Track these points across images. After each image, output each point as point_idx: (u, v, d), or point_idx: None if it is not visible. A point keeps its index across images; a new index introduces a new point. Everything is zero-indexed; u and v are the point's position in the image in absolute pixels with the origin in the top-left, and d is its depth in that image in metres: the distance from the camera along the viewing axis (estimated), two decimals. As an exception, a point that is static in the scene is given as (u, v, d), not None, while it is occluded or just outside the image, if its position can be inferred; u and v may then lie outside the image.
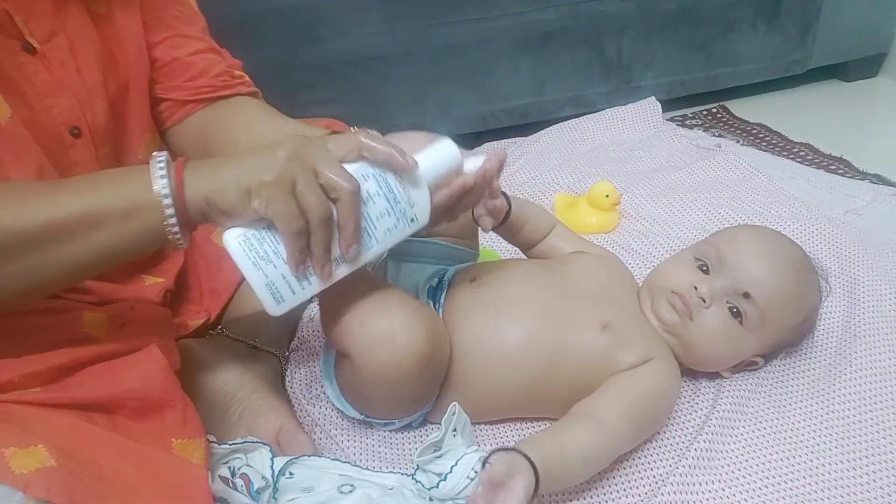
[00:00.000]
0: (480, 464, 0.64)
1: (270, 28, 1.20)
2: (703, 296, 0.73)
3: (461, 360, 0.73)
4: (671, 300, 0.74)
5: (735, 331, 0.73)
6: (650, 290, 0.77)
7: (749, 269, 0.73)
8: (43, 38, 0.64)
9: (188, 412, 0.63)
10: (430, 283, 0.79)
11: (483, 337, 0.73)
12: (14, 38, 0.62)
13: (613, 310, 0.74)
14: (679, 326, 0.74)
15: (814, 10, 1.52)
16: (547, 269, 0.81)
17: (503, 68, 1.37)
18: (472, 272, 0.80)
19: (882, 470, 0.69)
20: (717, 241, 0.77)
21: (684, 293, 0.74)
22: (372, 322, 0.65)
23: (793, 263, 0.77)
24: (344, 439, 0.75)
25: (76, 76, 0.67)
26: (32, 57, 0.64)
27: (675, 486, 0.67)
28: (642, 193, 1.17)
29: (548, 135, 1.39)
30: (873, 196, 1.14)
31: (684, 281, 0.75)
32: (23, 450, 0.49)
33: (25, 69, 0.63)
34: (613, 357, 0.71)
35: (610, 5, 1.38)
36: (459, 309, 0.75)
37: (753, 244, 0.77)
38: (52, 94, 0.65)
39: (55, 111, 0.65)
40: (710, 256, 0.76)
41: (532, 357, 0.71)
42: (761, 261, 0.74)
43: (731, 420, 0.74)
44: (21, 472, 0.47)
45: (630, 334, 0.73)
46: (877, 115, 1.56)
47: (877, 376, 0.78)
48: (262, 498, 0.64)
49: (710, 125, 1.51)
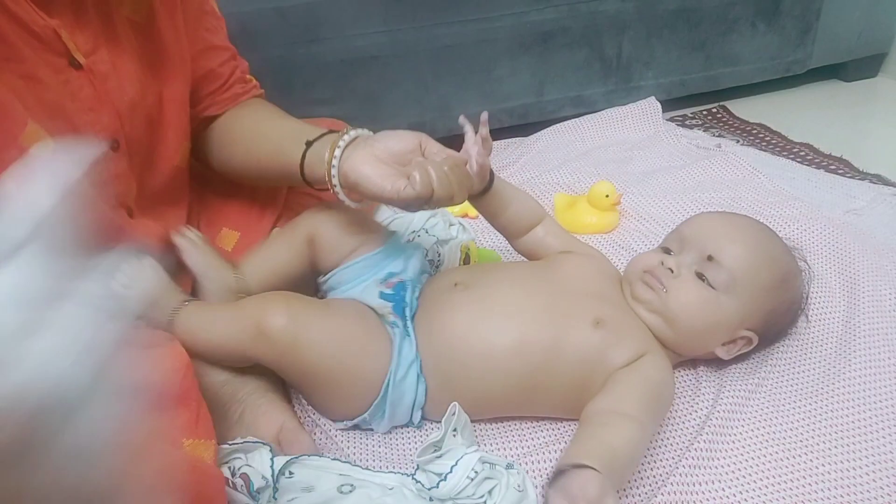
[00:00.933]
0: (481, 464, 0.64)
1: (270, 28, 1.20)
2: (670, 266, 0.77)
3: (450, 362, 0.73)
4: (644, 279, 0.77)
5: (709, 295, 0.75)
6: (627, 279, 0.80)
7: (707, 236, 0.78)
8: (87, 52, 0.64)
9: (201, 413, 0.62)
10: (380, 288, 0.79)
11: (471, 339, 0.73)
12: (60, 54, 0.62)
13: (604, 307, 0.75)
14: (657, 302, 0.75)
15: (814, 10, 1.52)
16: (534, 270, 0.81)
17: (503, 68, 1.37)
18: (453, 276, 0.80)
19: (882, 470, 0.69)
20: (679, 227, 0.82)
21: (653, 269, 0.77)
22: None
23: (751, 226, 0.81)
24: (344, 439, 0.75)
25: (118, 90, 0.67)
26: (78, 73, 0.63)
27: (675, 486, 0.67)
28: (642, 193, 1.17)
29: (548, 135, 1.39)
30: (873, 196, 1.14)
31: (652, 260, 0.79)
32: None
33: (71, 86, 0.63)
34: (608, 353, 0.71)
35: (610, 5, 1.38)
36: (443, 312, 0.75)
37: (709, 218, 0.82)
38: (94, 109, 0.65)
39: (97, 127, 0.65)
40: (672, 240, 0.81)
41: (524, 358, 0.71)
42: (718, 227, 0.79)
43: (731, 420, 0.74)
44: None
45: (622, 330, 0.74)
46: (877, 115, 1.56)
47: (877, 376, 0.78)
48: (262, 498, 0.64)
49: (710, 125, 1.51)
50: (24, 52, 0.59)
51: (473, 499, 0.63)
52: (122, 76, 0.67)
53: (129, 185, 0.71)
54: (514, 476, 0.65)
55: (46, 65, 0.61)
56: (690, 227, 0.81)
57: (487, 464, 0.65)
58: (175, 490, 0.54)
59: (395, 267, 0.81)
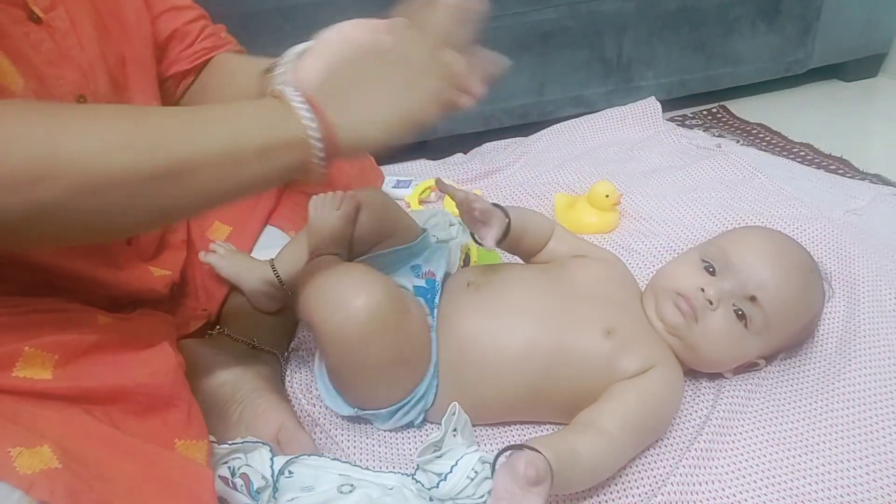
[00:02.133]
0: (481, 464, 0.64)
1: (270, 28, 1.20)
2: (710, 298, 0.72)
3: (459, 363, 0.73)
4: (676, 302, 0.73)
5: (739, 334, 0.73)
6: (655, 292, 0.77)
7: (756, 272, 0.73)
8: (44, 8, 0.65)
9: (193, 413, 0.62)
10: (413, 281, 0.79)
11: (481, 340, 0.72)
12: (19, 6, 0.62)
13: (617, 315, 0.74)
14: (683, 329, 0.73)
15: (814, 10, 1.52)
16: (547, 274, 0.80)
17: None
18: (468, 275, 0.80)
19: (882, 470, 0.69)
20: (723, 243, 0.76)
21: (690, 295, 0.73)
22: (329, 288, 0.66)
23: (800, 267, 0.76)
24: (344, 439, 0.75)
25: (78, 47, 0.67)
26: (38, 26, 0.64)
27: (675, 486, 0.67)
28: (642, 193, 1.17)
29: (548, 135, 1.39)
30: (873, 196, 1.14)
31: (690, 283, 0.74)
32: (29, 449, 0.48)
33: (32, 38, 0.63)
34: (616, 363, 0.71)
35: (610, 5, 1.38)
36: (456, 312, 0.75)
37: (761, 246, 0.76)
38: (57, 63, 0.65)
39: (61, 81, 0.65)
40: (717, 258, 0.75)
41: (532, 362, 0.71)
42: (768, 264, 0.74)
43: (731, 420, 0.74)
44: (26, 473, 0.47)
45: (633, 340, 0.72)
46: (877, 115, 1.56)
47: (877, 376, 0.78)
48: (261, 498, 0.64)
49: (710, 125, 1.51)
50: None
51: (473, 499, 0.63)
52: (80, 34, 0.68)
53: None
54: (514, 476, 0.65)
55: (5, 15, 0.61)
56: (739, 249, 0.75)
57: (487, 464, 0.64)
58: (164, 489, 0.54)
59: (427, 262, 0.82)
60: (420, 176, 1.28)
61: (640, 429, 0.68)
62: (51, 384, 0.55)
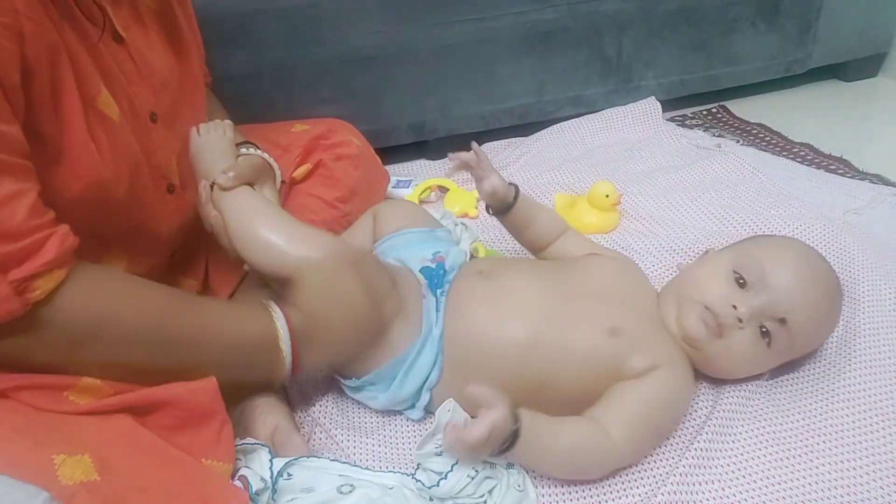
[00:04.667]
0: (481, 463, 0.64)
1: (270, 28, 1.20)
2: (741, 316, 0.70)
3: (464, 349, 0.73)
4: (703, 316, 0.71)
5: (762, 353, 0.72)
6: (679, 300, 0.74)
7: (791, 294, 0.70)
8: (124, 27, 0.67)
9: (224, 434, 0.63)
10: (424, 262, 0.81)
11: (486, 329, 0.73)
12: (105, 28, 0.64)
13: (624, 314, 0.73)
14: (705, 342, 0.71)
15: (814, 10, 1.52)
16: (557, 268, 0.81)
17: (503, 68, 1.37)
18: (481, 264, 0.81)
19: (882, 470, 0.69)
20: (759, 255, 0.73)
21: (720, 312, 0.70)
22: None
23: (830, 293, 0.75)
24: (344, 439, 0.75)
25: (152, 66, 0.70)
26: (120, 46, 0.66)
27: (675, 486, 0.67)
28: (642, 193, 1.17)
29: (548, 135, 1.39)
30: (873, 196, 1.14)
31: (721, 297, 0.71)
32: (71, 457, 0.49)
33: (117, 58, 0.66)
34: (621, 363, 0.70)
35: (610, 5, 1.38)
36: (465, 299, 0.76)
37: (799, 266, 0.73)
38: (135, 82, 0.68)
39: (139, 99, 0.68)
40: (751, 272, 0.72)
41: (534, 355, 0.71)
42: (804, 286, 0.71)
43: (731, 420, 0.74)
44: (67, 484, 0.48)
45: (641, 340, 0.71)
46: (877, 115, 1.56)
47: (877, 376, 0.78)
48: (261, 500, 0.64)
49: (710, 125, 1.51)
50: (85, 24, 0.62)
51: (473, 498, 0.63)
52: (152, 55, 0.71)
53: (170, 158, 0.74)
54: (514, 475, 0.65)
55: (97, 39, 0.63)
56: (778, 269, 0.71)
57: (488, 463, 0.64)
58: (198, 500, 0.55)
59: (442, 248, 0.83)
60: (420, 176, 1.28)
61: (641, 434, 0.68)
62: (91, 404, 0.56)
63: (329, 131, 1.00)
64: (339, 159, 0.99)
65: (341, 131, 1.01)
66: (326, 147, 0.99)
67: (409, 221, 0.88)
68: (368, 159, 1.05)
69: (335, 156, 0.99)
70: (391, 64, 1.29)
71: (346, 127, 1.04)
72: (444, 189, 1.24)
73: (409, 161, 1.35)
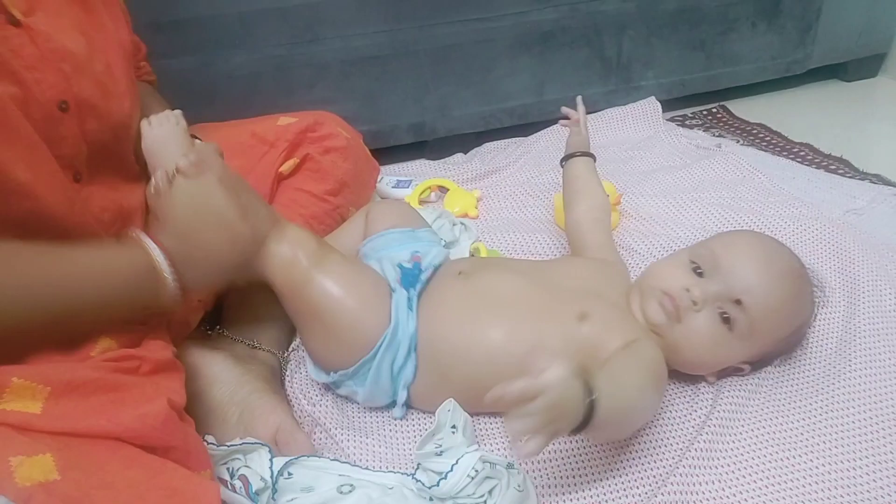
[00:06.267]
0: (481, 463, 0.64)
1: (270, 28, 1.20)
2: (695, 299, 0.73)
3: (439, 345, 0.74)
4: (661, 300, 0.74)
5: (723, 337, 0.73)
6: (641, 289, 0.77)
7: (744, 276, 0.73)
8: (24, 11, 0.64)
9: (191, 448, 0.60)
10: (401, 262, 0.81)
11: (465, 329, 0.74)
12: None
13: (592, 302, 0.74)
14: (665, 327, 0.73)
15: (814, 10, 1.52)
16: (533, 267, 0.83)
17: (503, 68, 1.37)
18: (461, 265, 0.82)
19: (882, 470, 0.69)
20: (713, 246, 0.77)
21: (675, 295, 0.73)
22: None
23: (789, 274, 0.76)
24: (344, 439, 0.75)
25: (61, 50, 0.66)
26: (17, 30, 0.63)
27: (675, 486, 0.67)
28: (642, 193, 1.17)
29: (548, 135, 1.39)
30: (873, 196, 1.14)
31: (677, 282, 0.74)
32: (29, 458, 0.48)
33: (11, 42, 0.62)
34: (596, 347, 0.70)
35: (610, 5, 1.38)
36: (443, 300, 0.77)
37: (750, 251, 0.76)
38: (37, 67, 0.64)
39: (43, 85, 0.64)
40: (706, 260, 0.75)
41: (513, 351, 0.71)
42: (757, 268, 0.74)
43: (731, 420, 0.74)
44: (24, 485, 0.46)
45: (612, 323, 0.72)
46: (877, 115, 1.56)
47: (876, 376, 0.78)
48: (261, 499, 0.64)
49: (710, 125, 1.51)
50: None
51: (473, 498, 0.63)
52: (64, 38, 0.67)
53: (79, 149, 0.70)
54: (514, 476, 0.65)
55: None
56: (728, 252, 0.75)
57: (488, 463, 0.64)
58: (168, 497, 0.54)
59: (422, 248, 0.84)
60: (420, 176, 1.28)
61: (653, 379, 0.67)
62: (41, 420, 0.53)
63: (316, 124, 0.98)
64: (327, 152, 0.98)
65: (329, 123, 1.00)
66: (314, 140, 0.98)
67: (397, 221, 0.89)
68: (357, 150, 1.04)
69: (323, 149, 0.98)
70: (391, 64, 1.29)
71: (333, 119, 1.03)
72: (444, 189, 1.24)
73: (409, 161, 1.35)
